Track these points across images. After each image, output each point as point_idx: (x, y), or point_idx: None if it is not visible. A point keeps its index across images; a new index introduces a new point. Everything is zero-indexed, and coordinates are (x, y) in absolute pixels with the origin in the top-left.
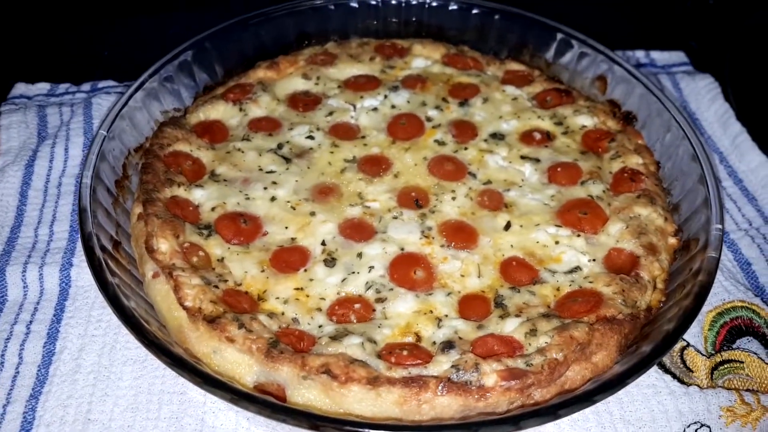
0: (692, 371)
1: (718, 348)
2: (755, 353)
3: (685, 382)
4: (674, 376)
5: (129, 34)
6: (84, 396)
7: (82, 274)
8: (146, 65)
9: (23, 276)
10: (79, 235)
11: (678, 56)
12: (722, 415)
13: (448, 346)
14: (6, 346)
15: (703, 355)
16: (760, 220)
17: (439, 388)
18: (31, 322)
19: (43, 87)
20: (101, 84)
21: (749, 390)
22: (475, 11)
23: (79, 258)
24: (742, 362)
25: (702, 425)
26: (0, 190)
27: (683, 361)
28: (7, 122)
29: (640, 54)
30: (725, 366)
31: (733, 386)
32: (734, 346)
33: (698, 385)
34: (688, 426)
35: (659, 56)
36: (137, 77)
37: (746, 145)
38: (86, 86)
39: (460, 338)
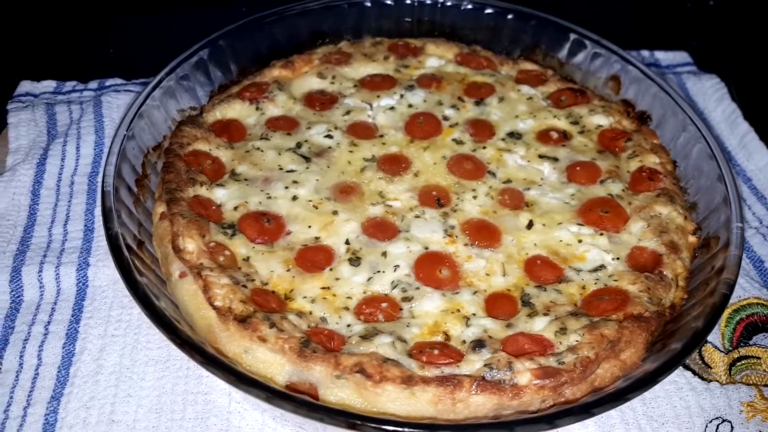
0: (710, 367)
1: (735, 344)
2: None
3: (704, 378)
4: (694, 372)
5: (134, 32)
6: (107, 397)
7: (99, 273)
8: (152, 63)
9: (39, 276)
10: (94, 235)
11: (681, 56)
12: (743, 410)
13: (478, 344)
14: (24, 347)
15: (721, 351)
16: None
17: (474, 387)
18: (49, 322)
19: (49, 85)
20: (109, 82)
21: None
22: (488, 11)
23: (96, 258)
24: (759, 358)
25: (723, 420)
26: (12, 188)
27: (701, 358)
28: (16, 120)
29: (645, 54)
30: (743, 362)
31: (751, 381)
32: (751, 342)
33: (718, 381)
34: (710, 421)
35: (663, 56)
36: (144, 75)
37: (754, 144)
38: (93, 84)
39: (489, 337)
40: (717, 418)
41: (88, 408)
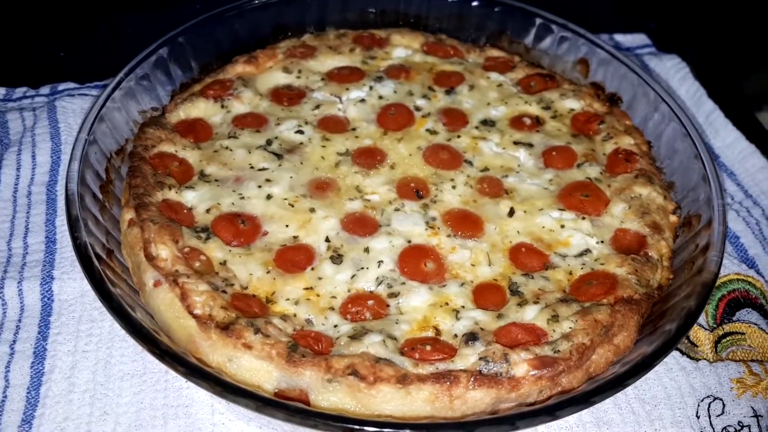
0: (697, 346)
1: (719, 321)
2: (755, 324)
3: (692, 358)
4: (681, 352)
5: (85, 35)
6: (81, 416)
7: (64, 287)
8: (106, 65)
9: (0, 293)
10: (56, 246)
11: (641, 38)
12: (733, 387)
13: (471, 337)
14: None
15: (706, 329)
16: (741, 194)
17: (471, 381)
18: (14, 341)
19: None
20: (61, 86)
21: (756, 360)
22: None
23: (60, 270)
24: (743, 333)
25: (715, 398)
26: None
27: (687, 337)
28: None
29: (604, 37)
30: (728, 338)
31: (737, 357)
32: (734, 318)
33: (706, 360)
34: (702, 400)
35: (623, 39)
36: (99, 78)
37: (720, 121)
38: (45, 89)
39: (481, 329)
40: (708, 396)
41: (62, 429)
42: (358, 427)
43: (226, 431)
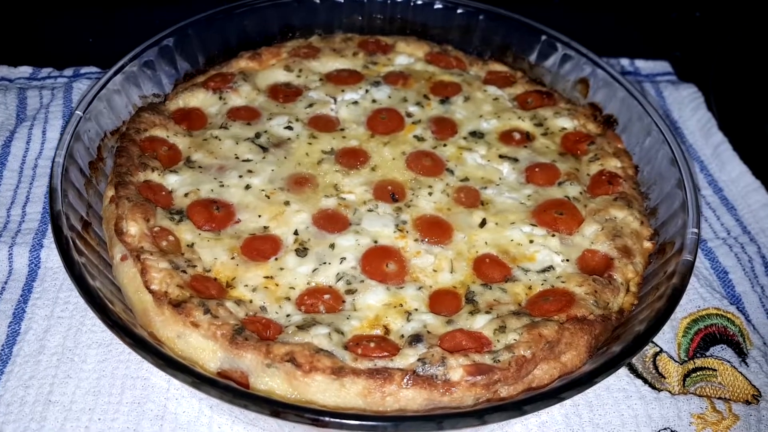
0: (664, 377)
1: (692, 355)
2: (729, 361)
3: (656, 388)
4: (645, 381)
5: (115, 22)
6: (46, 377)
7: (52, 255)
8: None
9: None
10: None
11: (662, 66)
12: (693, 422)
13: (416, 339)
14: None
15: (676, 361)
16: (739, 230)
17: (405, 380)
18: None
19: (25, 70)
20: (84, 70)
21: (721, 398)
22: (459, 11)
23: (50, 239)
24: (715, 370)
25: (671, 431)
26: None
27: (656, 367)
28: None
29: (625, 62)
30: (698, 373)
31: (705, 393)
32: (708, 353)
33: (669, 391)
34: None
35: (644, 65)
36: None
37: (727, 154)
38: (68, 71)
39: (428, 332)
40: (665, 428)
41: (26, 387)
42: (282, 410)
43: (178, 406)
